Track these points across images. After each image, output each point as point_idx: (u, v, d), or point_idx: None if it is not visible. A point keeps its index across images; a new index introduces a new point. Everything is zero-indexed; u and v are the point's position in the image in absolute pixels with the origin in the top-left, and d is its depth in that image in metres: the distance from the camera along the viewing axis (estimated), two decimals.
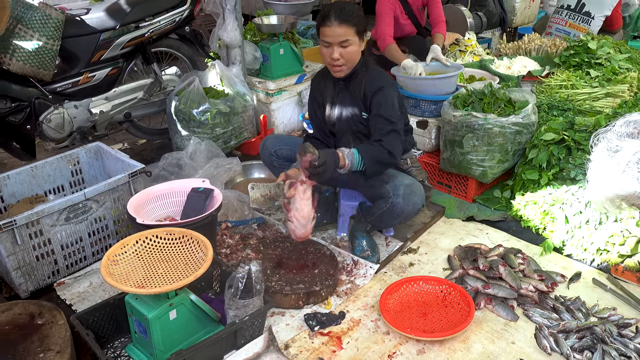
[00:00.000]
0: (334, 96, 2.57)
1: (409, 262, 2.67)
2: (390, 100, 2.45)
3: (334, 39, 2.35)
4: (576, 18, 4.66)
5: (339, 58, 2.38)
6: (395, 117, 2.43)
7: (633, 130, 1.40)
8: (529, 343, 2.14)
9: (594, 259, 2.58)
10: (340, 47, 2.37)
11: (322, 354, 2.10)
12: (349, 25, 2.33)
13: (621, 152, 1.38)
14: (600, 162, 1.42)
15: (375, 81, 2.47)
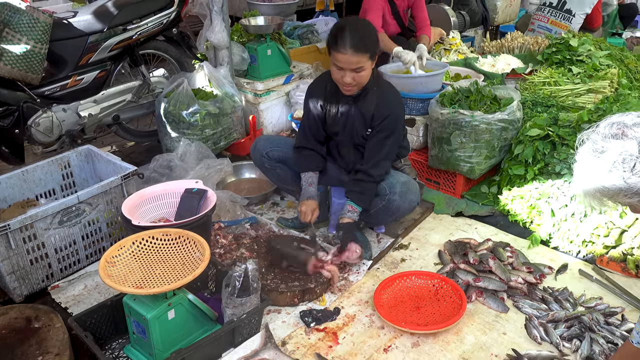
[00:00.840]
0: (341, 108, 2.55)
1: (400, 257, 2.71)
2: (398, 127, 2.51)
3: (347, 65, 2.30)
4: (558, 15, 4.76)
5: (351, 82, 2.36)
6: (394, 144, 2.51)
7: (617, 131, 1.44)
8: (520, 333, 2.20)
9: (579, 251, 2.65)
10: (354, 72, 2.33)
11: (318, 350, 2.13)
12: (363, 52, 2.28)
13: (607, 152, 1.43)
14: (586, 163, 1.47)
15: (389, 105, 2.47)
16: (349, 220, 2.48)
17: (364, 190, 2.50)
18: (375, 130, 2.50)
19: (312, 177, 2.65)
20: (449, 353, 2.11)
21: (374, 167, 2.50)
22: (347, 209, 2.49)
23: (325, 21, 5.42)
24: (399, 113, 2.54)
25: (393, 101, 2.52)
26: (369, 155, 2.52)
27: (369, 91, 2.48)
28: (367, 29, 2.35)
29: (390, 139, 2.51)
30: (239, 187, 3.36)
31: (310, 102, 2.62)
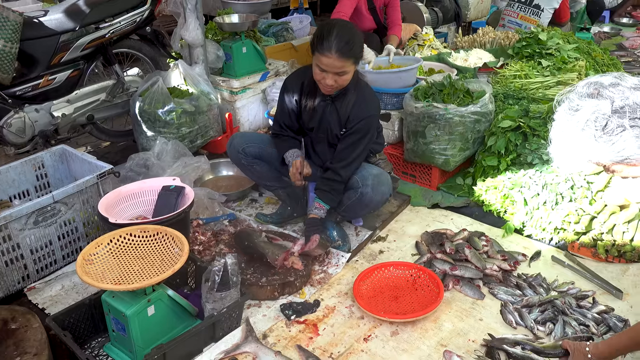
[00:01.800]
0: (318, 105, 2.56)
1: (378, 249, 2.75)
2: (371, 130, 2.54)
3: (330, 69, 2.30)
4: (527, 11, 4.87)
5: (333, 84, 2.37)
6: (366, 146, 2.54)
7: (593, 90, 1.48)
8: (496, 319, 2.25)
9: (552, 238, 2.73)
10: (336, 75, 2.34)
11: (299, 341, 2.15)
12: (349, 57, 2.29)
13: (581, 111, 1.46)
14: (562, 121, 1.51)
15: (365, 108, 2.49)
16: (314, 217, 2.53)
17: (332, 189, 2.54)
18: (349, 131, 2.52)
19: (296, 151, 2.66)
20: (428, 340, 2.15)
21: (344, 168, 2.53)
22: (314, 206, 2.54)
23: (299, 19, 5.45)
24: (375, 116, 2.57)
25: (370, 104, 2.54)
26: (340, 155, 2.54)
27: (348, 92, 2.49)
28: (353, 34, 2.34)
29: (363, 141, 2.53)
30: (217, 184, 3.36)
31: (286, 96, 2.63)
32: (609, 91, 1.45)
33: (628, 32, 6.77)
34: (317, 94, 2.53)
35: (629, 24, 7.26)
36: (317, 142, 2.68)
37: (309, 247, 2.48)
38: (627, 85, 1.46)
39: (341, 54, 2.26)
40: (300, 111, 2.63)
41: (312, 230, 2.51)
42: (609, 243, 2.56)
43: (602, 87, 1.47)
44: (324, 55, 2.28)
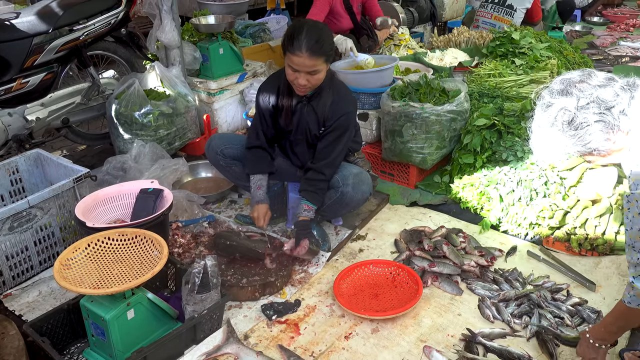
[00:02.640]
0: (295, 106, 2.57)
1: (358, 248, 2.78)
2: (350, 126, 2.55)
3: (302, 68, 2.31)
4: (500, 11, 4.95)
5: (306, 84, 2.38)
6: (345, 143, 2.56)
7: (564, 87, 1.58)
8: (474, 313, 2.30)
9: (527, 233, 2.78)
10: (308, 75, 2.34)
11: (281, 341, 2.16)
12: (319, 56, 2.30)
13: (551, 107, 1.57)
14: (538, 116, 1.62)
15: (342, 106, 2.50)
16: (304, 219, 2.52)
17: (317, 189, 2.54)
18: (328, 129, 2.54)
19: (261, 179, 2.68)
20: (408, 336, 2.18)
21: (326, 167, 2.54)
22: (302, 208, 2.53)
23: (276, 20, 5.45)
24: (352, 112, 2.59)
25: (347, 101, 2.56)
26: (322, 154, 2.55)
27: (323, 91, 2.51)
28: (323, 32, 2.36)
29: (343, 138, 2.55)
30: (196, 186, 3.34)
31: (262, 100, 2.63)
32: (576, 88, 1.53)
33: (599, 31, 6.94)
34: (294, 95, 2.54)
35: (600, 22, 7.44)
36: (296, 143, 2.69)
37: (298, 252, 2.48)
38: (593, 82, 1.55)
39: (311, 52, 2.27)
40: (278, 115, 2.63)
41: (302, 233, 2.50)
42: (582, 237, 2.62)
43: (571, 84, 1.55)
44: (294, 54, 2.29)
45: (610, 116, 1.52)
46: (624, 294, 1.71)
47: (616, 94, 1.53)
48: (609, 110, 1.52)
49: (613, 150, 1.59)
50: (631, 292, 1.65)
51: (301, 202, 2.56)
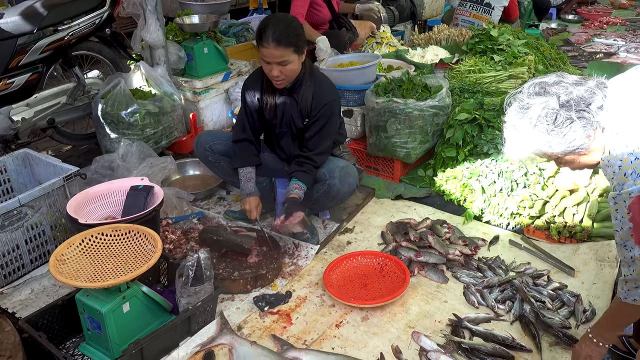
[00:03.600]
0: (278, 100, 2.63)
1: (346, 241, 2.84)
2: (334, 115, 2.62)
3: (271, 59, 2.39)
4: (479, 9, 5.07)
5: (278, 75, 2.44)
6: (331, 131, 2.63)
7: (540, 90, 1.61)
8: (459, 300, 2.38)
9: (509, 223, 2.88)
10: (280, 66, 2.41)
11: (273, 331, 2.22)
12: (286, 45, 2.37)
13: (531, 108, 1.59)
14: (514, 120, 1.64)
15: (324, 95, 2.57)
16: (294, 196, 2.54)
17: (308, 170, 2.59)
18: (312, 119, 2.60)
19: (250, 172, 2.72)
20: (396, 323, 2.25)
21: (317, 155, 2.61)
22: (293, 187, 2.56)
23: (259, 19, 5.47)
24: (335, 101, 2.65)
25: (328, 90, 2.63)
26: (309, 144, 2.61)
27: (304, 83, 2.57)
28: (289, 24, 2.44)
29: (328, 126, 2.62)
30: (184, 184, 3.38)
31: (247, 95, 2.69)
32: (554, 88, 1.59)
33: (574, 28, 7.12)
34: (276, 89, 2.61)
35: (575, 20, 7.63)
36: (281, 136, 2.75)
37: (291, 221, 2.50)
38: (569, 82, 1.61)
39: (277, 42, 2.36)
40: (262, 109, 2.69)
41: (293, 207, 2.52)
42: (561, 225, 2.72)
43: (547, 86, 1.61)
44: (263, 47, 2.39)
45: (589, 113, 1.55)
46: (618, 291, 1.72)
47: (592, 92, 1.57)
48: (588, 107, 1.55)
49: (590, 150, 1.62)
50: (624, 286, 1.67)
51: (291, 182, 2.58)
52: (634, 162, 1.49)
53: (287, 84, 2.55)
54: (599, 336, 1.84)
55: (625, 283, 1.66)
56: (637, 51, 5.88)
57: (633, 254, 1.57)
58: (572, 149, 1.60)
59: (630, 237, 1.55)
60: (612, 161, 1.54)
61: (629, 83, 1.60)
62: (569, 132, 1.56)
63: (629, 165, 1.50)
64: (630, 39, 6.48)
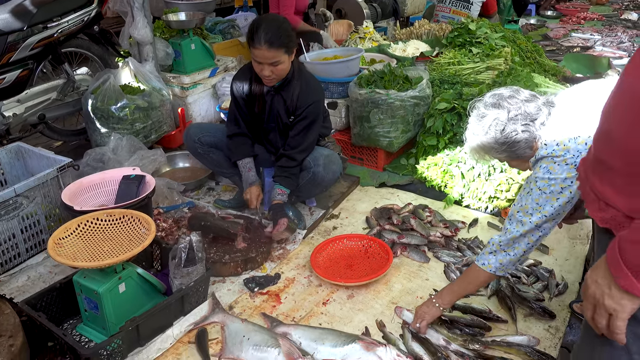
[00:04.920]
0: (266, 96, 2.73)
1: (332, 226, 2.95)
2: (318, 114, 2.72)
3: (263, 59, 2.49)
4: (458, 5, 5.22)
5: (270, 74, 2.55)
6: (315, 129, 2.73)
7: (496, 101, 1.82)
8: (440, 278, 2.50)
9: (487, 206, 3.01)
10: (271, 66, 2.51)
11: (263, 310, 2.32)
12: (278, 47, 2.46)
13: (485, 118, 1.81)
14: (472, 125, 1.85)
15: (310, 95, 2.67)
16: (278, 202, 2.70)
17: (290, 174, 2.72)
18: (298, 118, 2.70)
19: (249, 162, 2.84)
20: (380, 300, 2.36)
21: (299, 152, 2.71)
22: (277, 192, 2.70)
23: (245, 16, 5.58)
24: (320, 101, 2.76)
25: (314, 90, 2.72)
26: (293, 142, 2.71)
27: (291, 82, 2.67)
28: (281, 25, 2.53)
29: (313, 126, 2.72)
30: (174, 176, 3.46)
31: (236, 90, 2.79)
32: (507, 102, 1.81)
33: (552, 24, 7.31)
34: (264, 85, 2.71)
35: (554, 16, 7.84)
36: (269, 131, 2.85)
37: (277, 229, 2.63)
38: (521, 98, 1.82)
39: (270, 44, 2.45)
40: (251, 103, 2.78)
41: (278, 214, 2.67)
42: None
43: (502, 99, 1.83)
44: (255, 48, 2.48)
45: (533, 127, 1.76)
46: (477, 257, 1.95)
47: (539, 108, 1.78)
48: (533, 122, 1.76)
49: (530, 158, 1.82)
50: (483, 250, 1.93)
51: (275, 187, 2.72)
52: None
53: (276, 82, 2.65)
54: (439, 299, 2.08)
55: (490, 245, 1.89)
56: (613, 45, 6.07)
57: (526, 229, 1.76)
58: (516, 156, 1.83)
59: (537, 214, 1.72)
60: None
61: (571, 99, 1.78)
62: (513, 143, 1.78)
63: None
64: (606, 33, 6.69)
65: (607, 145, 0.99)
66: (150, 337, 2.11)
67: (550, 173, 1.66)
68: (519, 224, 1.78)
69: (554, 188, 1.66)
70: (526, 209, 1.75)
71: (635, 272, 0.89)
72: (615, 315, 0.95)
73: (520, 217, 1.77)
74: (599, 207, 1.01)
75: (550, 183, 1.67)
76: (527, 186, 1.75)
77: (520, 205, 1.77)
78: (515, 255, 1.85)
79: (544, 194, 1.69)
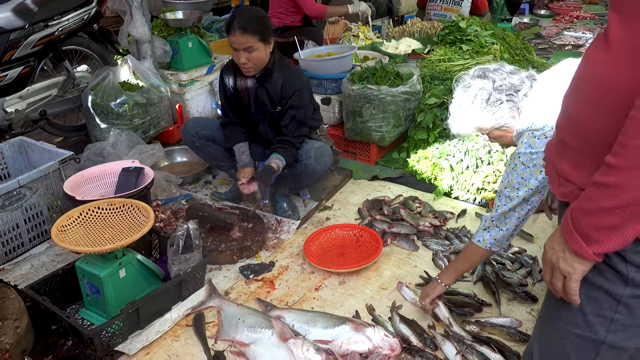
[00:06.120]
0: (250, 88, 2.82)
1: (325, 217, 3.05)
2: (304, 102, 2.80)
3: (238, 45, 2.60)
4: (449, 2, 5.32)
5: (246, 62, 2.65)
6: (304, 117, 2.80)
7: (481, 73, 1.89)
8: (429, 265, 2.60)
9: (475, 198, 3.11)
10: (246, 52, 2.61)
11: (258, 295, 2.42)
12: (251, 33, 2.57)
13: (471, 88, 1.87)
14: (458, 97, 1.91)
15: (293, 84, 2.75)
16: (272, 165, 2.71)
17: (289, 148, 2.78)
18: (285, 107, 2.78)
19: (243, 146, 2.93)
20: (371, 285, 2.46)
21: (295, 138, 2.81)
22: (273, 157, 2.74)
23: None
24: (304, 88, 2.82)
25: (296, 79, 2.80)
26: (287, 130, 2.79)
27: (272, 73, 2.76)
28: (255, 14, 2.65)
29: (300, 111, 2.78)
30: (172, 170, 3.56)
31: (224, 83, 2.90)
32: (492, 74, 1.89)
33: (545, 23, 7.42)
34: (248, 77, 2.80)
35: (546, 15, 7.95)
36: (258, 123, 2.94)
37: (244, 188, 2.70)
38: (506, 70, 1.91)
39: (243, 30, 2.56)
40: (237, 94, 2.88)
41: (260, 177, 2.72)
42: None
43: (487, 71, 1.91)
44: (230, 34, 2.60)
45: (517, 97, 1.85)
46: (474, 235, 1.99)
47: (522, 81, 1.87)
48: (517, 92, 1.85)
49: (513, 129, 1.90)
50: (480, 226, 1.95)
51: (272, 154, 2.75)
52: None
53: (255, 72, 2.73)
54: (442, 277, 2.14)
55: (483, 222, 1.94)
56: None
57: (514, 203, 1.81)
58: (499, 125, 1.90)
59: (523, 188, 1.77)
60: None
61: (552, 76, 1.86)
62: (497, 111, 1.86)
63: None
64: (598, 31, 6.78)
65: (569, 126, 1.09)
66: (150, 320, 2.20)
67: (531, 147, 1.72)
68: (507, 199, 1.83)
69: (536, 162, 1.72)
70: (512, 184, 1.80)
71: (584, 237, 0.98)
72: (569, 278, 1.05)
73: (508, 192, 1.81)
74: (559, 183, 1.11)
75: (532, 157, 1.72)
76: (512, 162, 1.81)
77: (507, 182, 1.82)
78: (508, 230, 1.89)
79: (527, 168, 1.74)
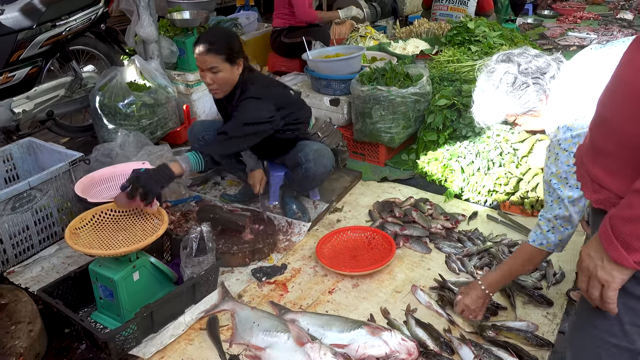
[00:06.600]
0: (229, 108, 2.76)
1: (336, 219, 3.04)
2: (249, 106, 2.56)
3: (203, 65, 2.55)
4: (455, 2, 5.30)
5: (211, 82, 2.60)
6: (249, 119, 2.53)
7: (505, 57, 1.86)
8: (442, 268, 2.58)
9: (486, 200, 3.10)
10: (211, 73, 2.56)
11: (272, 298, 2.40)
12: (216, 54, 2.51)
13: (495, 72, 1.84)
14: (481, 83, 1.88)
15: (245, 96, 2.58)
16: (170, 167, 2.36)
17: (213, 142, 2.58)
18: None
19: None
20: (384, 288, 2.45)
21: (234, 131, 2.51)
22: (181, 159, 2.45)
23: (246, 15, 5.65)
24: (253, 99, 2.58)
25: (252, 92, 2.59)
26: (226, 126, 2.57)
27: (235, 95, 2.66)
28: (223, 35, 2.62)
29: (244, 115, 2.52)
30: None
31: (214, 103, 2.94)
32: (517, 57, 1.83)
33: (549, 23, 7.41)
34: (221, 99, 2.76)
35: (550, 15, 7.93)
36: None
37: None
38: (531, 54, 1.84)
39: (207, 50, 2.51)
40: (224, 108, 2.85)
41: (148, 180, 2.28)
42: (534, 200, 2.94)
43: (512, 55, 1.85)
44: (195, 53, 2.56)
45: (543, 80, 1.80)
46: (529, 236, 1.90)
47: (548, 63, 1.82)
48: (543, 75, 1.80)
49: (541, 113, 1.85)
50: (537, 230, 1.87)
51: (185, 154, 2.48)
52: None
53: (223, 94, 2.67)
54: (486, 283, 2.08)
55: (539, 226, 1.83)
56: None
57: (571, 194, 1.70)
58: (526, 110, 1.84)
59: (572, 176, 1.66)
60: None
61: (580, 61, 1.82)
62: (524, 95, 1.80)
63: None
64: (602, 32, 6.78)
65: (604, 132, 1.07)
66: (163, 324, 2.18)
67: (571, 130, 1.60)
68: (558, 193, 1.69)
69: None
70: (559, 174, 1.68)
71: (625, 245, 0.97)
72: (607, 286, 1.03)
73: (556, 185, 1.69)
74: (592, 189, 1.09)
75: (574, 141, 1.60)
76: (552, 152, 1.68)
77: (552, 173, 1.69)
78: (573, 227, 1.78)
79: (571, 153, 1.61)
